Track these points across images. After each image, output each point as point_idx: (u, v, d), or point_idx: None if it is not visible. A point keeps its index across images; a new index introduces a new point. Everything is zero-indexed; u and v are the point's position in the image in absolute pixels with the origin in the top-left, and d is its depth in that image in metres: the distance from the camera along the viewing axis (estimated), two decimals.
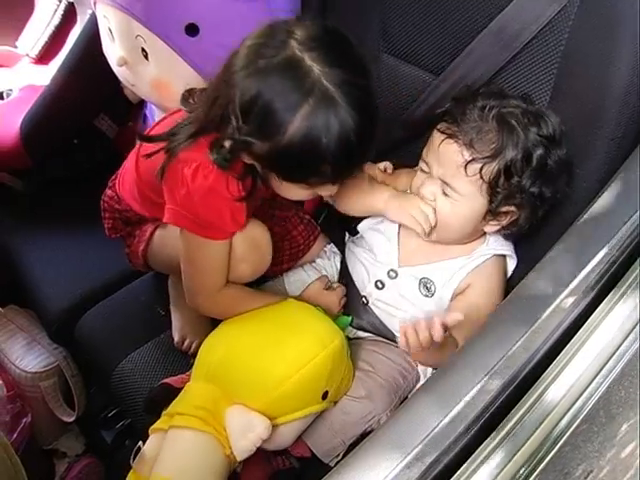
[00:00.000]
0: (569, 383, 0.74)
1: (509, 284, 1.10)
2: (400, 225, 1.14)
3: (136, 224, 1.23)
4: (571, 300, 0.78)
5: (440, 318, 0.93)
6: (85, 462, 1.48)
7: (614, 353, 0.76)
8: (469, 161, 0.98)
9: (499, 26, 1.06)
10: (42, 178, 1.53)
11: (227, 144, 0.93)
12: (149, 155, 1.03)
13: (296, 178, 0.94)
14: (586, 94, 0.99)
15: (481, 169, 0.98)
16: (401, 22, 1.20)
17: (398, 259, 1.14)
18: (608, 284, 0.81)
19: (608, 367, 0.75)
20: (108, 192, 1.24)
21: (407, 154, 1.20)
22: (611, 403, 0.73)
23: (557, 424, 0.71)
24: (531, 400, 0.72)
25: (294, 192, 1.00)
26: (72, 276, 1.35)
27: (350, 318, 1.17)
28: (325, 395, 1.02)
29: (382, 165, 1.18)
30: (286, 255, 1.25)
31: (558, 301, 0.78)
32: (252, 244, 1.07)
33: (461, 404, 0.71)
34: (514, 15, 1.04)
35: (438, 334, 0.92)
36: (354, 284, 1.18)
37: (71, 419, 1.49)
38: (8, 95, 1.55)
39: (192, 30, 1.17)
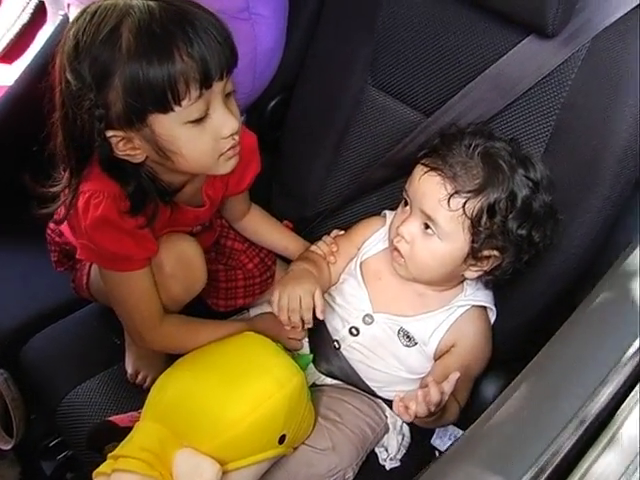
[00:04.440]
0: None
1: None
2: (362, 270, 1.11)
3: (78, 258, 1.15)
4: None
5: (436, 387, 0.89)
6: None
7: None
8: (452, 194, 0.95)
9: (498, 71, 1.04)
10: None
11: (93, 133, 0.86)
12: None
13: (168, 98, 0.83)
14: (583, 150, 0.97)
15: (464, 204, 0.94)
16: (393, 57, 1.17)
17: (371, 303, 1.09)
18: None
19: None
20: (51, 225, 1.17)
21: (389, 194, 1.18)
22: None
23: None
24: None
25: (197, 141, 0.89)
26: (20, 295, 1.26)
27: (311, 356, 1.11)
28: (282, 439, 0.96)
29: (332, 234, 1.18)
30: (240, 288, 1.21)
31: None
32: (181, 259, 1.02)
33: None
34: (515, 62, 1.02)
35: (435, 402, 0.88)
36: (325, 326, 1.12)
37: (8, 447, 1.38)
38: None
39: None
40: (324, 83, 1.27)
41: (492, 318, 1.08)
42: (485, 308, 1.07)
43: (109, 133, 0.86)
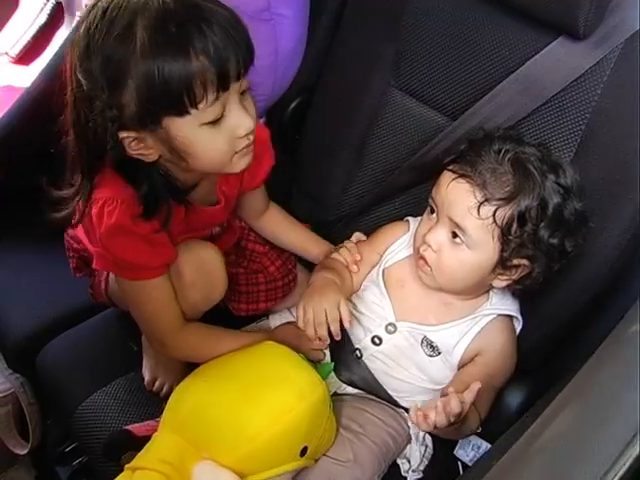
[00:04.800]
0: None
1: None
2: (384, 278, 1.09)
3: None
4: None
5: (456, 397, 0.87)
6: None
7: None
8: (482, 202, 0.92)
9: (527, 73, 1.01)
10: (11, 188, 1.42)
11: (105, 135, 0.84)
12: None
13: (185, 102, 0.81)
14: (614, 156, 0.95)
15: (494, 212, 0.92)
16: (418, 58, 1.15)
17: (394, 312, 1.06)
18: None
19: None
20: (69, 231, 1.15)
21: (412, 198, 1.16)
22: None
23: None
24: None
25: (212, 141, 0.87)
26: (37, 300, 1.25)
27: (333, 365, 1.08)
28: (304, 451, 0.93)
29: (354, 238, 1.15)
30: (262, 292, 1.19)
31: None
32: (201, 268, 1.01)
33: None
34: (544, 64, 1.00)
35: (455, 413, 0.86)
36: (346, 334, 1.09)
37: (24, 452, 1.38)
38: None
39: None
40: (346, 85, 1.25)
41: (518, 327, 1.06)
42: (511, 317, 1.05)
43: (122, 134, 0.84)
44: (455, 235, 0.96)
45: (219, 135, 0.86)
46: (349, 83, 1.24)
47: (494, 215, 0.92)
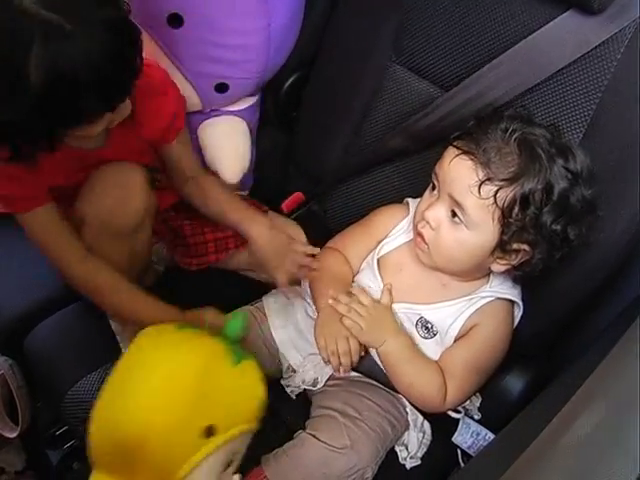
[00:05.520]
0: None
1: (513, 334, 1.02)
2: (380, 262, 1.06)
3: None
4: None
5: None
6: None
7: None
8: (483, 181, 0.89)
9: (531, 45, 0.98)
10: None
11: None
12: None
13: (74, 122, 0.83)
14: (626, 138, 0.91)
15: (496, 192, 0.89)
16: (419, 32, 1.12)
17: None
18: None
19: None
20: None
21: (403, 167, 1.15)
22: None
23: None
24: None
25: (90, 131, 0.87)
26: (26, 281, 1.21)
27: (244, 314, 0.96)
28: (210, 431, 0.77)
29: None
30: (210, 242, 1.19)
31: None
32: (116, 181, 1.01)
33: None
34: (551, 37, 0.96)
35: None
36: None
37: (13, 435, 1.35)
38: None
39: (175, 21, 1.08)
40: (344, 60, 1.21)
41: (518, 314, 1.03)
42: (510, 303, 1.02)
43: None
44: (454, 214, 0.93)
45: (98, 126, 0.87)
46: (348, 58, 1.21)
47: (495, 195, 0.89)
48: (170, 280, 1.23)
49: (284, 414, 1.08)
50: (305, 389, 1.07)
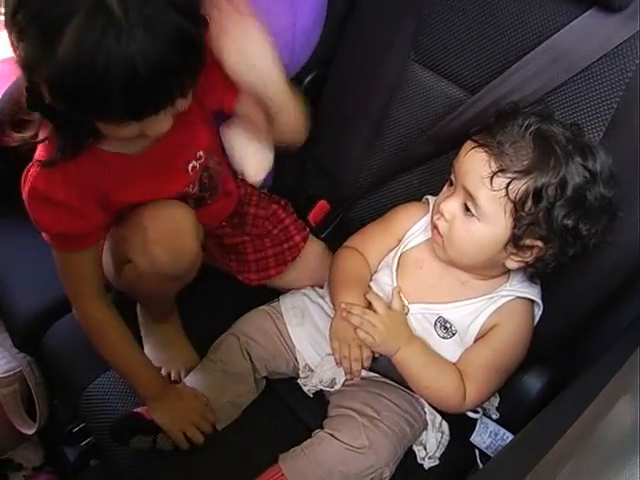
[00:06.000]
0: None
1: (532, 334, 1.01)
2: (400, 260, 1.06)
3: None
4: None
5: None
6: (43, 478, 1.37)
7: None
8: (495, 172, 0.88)
9: (557, 45, 0.97)
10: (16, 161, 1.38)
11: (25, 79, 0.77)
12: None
13: (91, 114, 0.79)
14: None
15: (508, 185, 0.88)
16: (439, 31, 1.11)
17: (405, 295, 1.03)
18: None
19: None
20: None
21: (431, 170, 1.14)
22: None
23: None
24: None
25: (118, 133, 0.83)
26: (43, 278, 1.18)
27: None
28: None
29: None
30: (271, 258, 1.17)
31: None
32: (168, 225, 0.96)
33: None
34: (574, 36, 0.95)
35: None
36: None
37: (31, 431, 1.37)
38: None
39: None
40: (363, 58, 1.21)
41: (537, 314, 1.02)
42: (530, 302, 1.01)
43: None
44: (467, 209, 0.93)
45: (126, 130, 0.82)
46: (367, 57, 1.20)
47: (507, 187, 0.88)
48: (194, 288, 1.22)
49: (301, 413, 1.08)
50: (322, 388, 1.07)
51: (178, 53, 0.74)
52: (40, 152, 0.89)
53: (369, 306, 1.01)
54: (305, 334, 1.10)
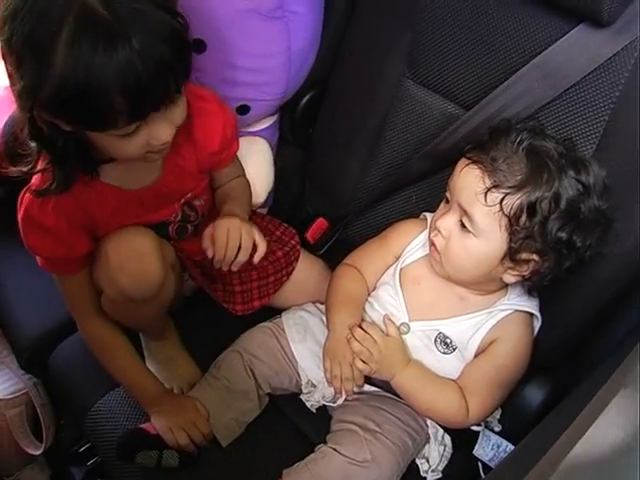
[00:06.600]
0: None
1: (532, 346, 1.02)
2: (400, 277, 1.06)
3: None
4: None
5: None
6: None
7: None
8: (489, 188, 0.90)
9: (547, 61, 0.99)
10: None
11: (20, 105, 0.78)
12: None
13: (95, 123, 0.78)
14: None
15: (502, 200, 0.89)
16: (433, 48, 1.12)
17: (407, 312, 1.05)
18: None
19: None
20: None
21: (428, 186, 1.15)
22: None
23: None
24: None
25: (123, 148, 0.84)
26: (49, 299, 1.19)
27: None
28: None
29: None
30: (255, 290, 1.18)
31: None
32: (129, 250, 0.96)
33: None
34: (564, 51, 0.97)
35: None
36: None
37: (38, 452, 1.37)
38: None
39: (198, 47, 1.10)
40: (359, 77, 1.22)
41: (536, 326, 1.03)
42: (529, 315, 1.02)
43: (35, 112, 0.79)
44: (464, 225, 0.94)
45: (133, 142, 0.83)
46: (362, 74, 1.22)
47: (501, 202, 0.89)
48: (195, 303, 1.24)
49: (304, 428, 1.08)
50: (325, 404, 1.08)
51: (171, 46, 0.76)
52: (35, 179, 0.91)
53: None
54: (307, 350, 1.11)
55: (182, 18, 0.80)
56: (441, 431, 1.04)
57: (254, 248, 0.99)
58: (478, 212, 0.91)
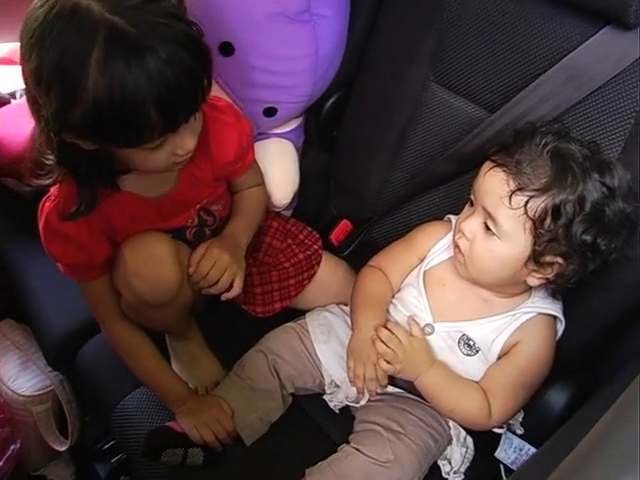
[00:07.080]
0: None
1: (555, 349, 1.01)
2: (424, 278, 1.07)
3: None
4: None
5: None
6: None
7: None
8: (514, 191, 0.90)
9: (572, 64, 0.98)
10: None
11: (47, 130, 0.80)
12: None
13: (130, 139, 0.80)
14: None
15: (526, 203, 0.89)
16: (457, 51, 1.13)
17: (432, 313, 1.05)
18: None
19: None
20: None
21: (452, 189, 1.15)
22: None
23: None
24: None
25: (150, 160, 0.86)
26: (76, 298, 1.19)
27: None
28: None
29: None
30: (276, 292, 1.18)
31: None
32: (145, 255, 0.97)
33: None
34: (590, 54, 0.97)
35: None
36: None
37: (63, 448, 1.39)
38: (21, 95, 1.45)
39: (226, 50, 1.11)
40: (384, 79, 1.23)
41: (560, 329, 1.03)
42: (553, 318, 1.02)
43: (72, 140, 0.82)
44: (488, 228, 0.94)
45: (161, 153, 0.85)
46: (387, 77, 1.22)
47: (526, 206, 0.89)
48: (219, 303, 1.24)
49: (327, 428, 1.09)
50: (348, 404, 1.09)
51: (193, 54, 0.78)
52: (54, 189, 0.93)
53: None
54: (331, 351, 1.12)
55: (197, 26, 0.82)
56: (463, 433, 1.05)
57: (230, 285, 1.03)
58: (502, 215, 0.92)
